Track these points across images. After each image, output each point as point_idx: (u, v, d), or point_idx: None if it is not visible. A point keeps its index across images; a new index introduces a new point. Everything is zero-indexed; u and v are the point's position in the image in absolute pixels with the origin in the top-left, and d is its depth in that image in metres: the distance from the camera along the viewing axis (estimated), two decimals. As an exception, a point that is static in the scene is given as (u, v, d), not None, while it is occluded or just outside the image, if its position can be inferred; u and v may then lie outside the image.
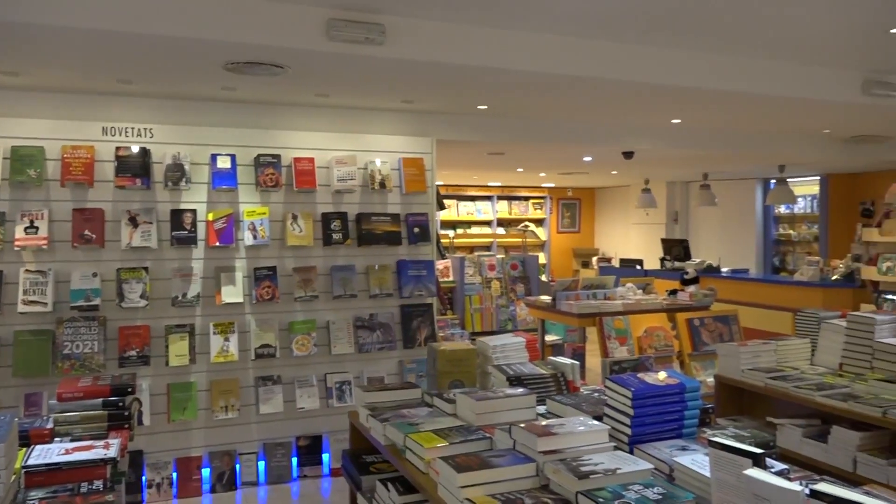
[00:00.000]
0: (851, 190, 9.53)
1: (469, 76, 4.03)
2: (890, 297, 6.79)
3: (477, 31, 3.69)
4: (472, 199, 12.63)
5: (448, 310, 7.22)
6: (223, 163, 4.51)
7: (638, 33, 3.89)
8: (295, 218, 4.68)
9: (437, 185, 5.54)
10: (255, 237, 4.52)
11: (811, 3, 3.38)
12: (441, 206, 5.88)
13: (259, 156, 4.62)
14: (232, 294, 4.48)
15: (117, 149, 4.31)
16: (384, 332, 4.90)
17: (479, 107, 5.13)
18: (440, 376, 3.03)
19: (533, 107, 5.19)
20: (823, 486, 1.43)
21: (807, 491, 1.43)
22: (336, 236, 4.76)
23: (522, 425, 2.11)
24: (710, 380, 3.92)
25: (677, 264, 9.44)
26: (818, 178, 9.70)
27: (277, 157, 4.65)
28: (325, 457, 4.78)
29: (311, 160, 4.74)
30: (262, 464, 4.63)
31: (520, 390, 2.56)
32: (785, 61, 4.52)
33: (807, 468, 2.29)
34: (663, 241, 10.30)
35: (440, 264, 7.05)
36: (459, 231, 12.38)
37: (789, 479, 1.69)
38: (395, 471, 2.55)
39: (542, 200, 13.15)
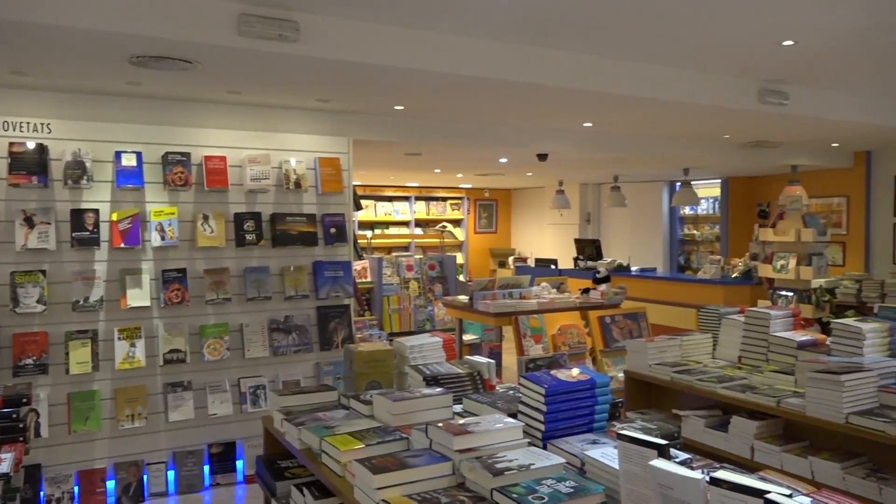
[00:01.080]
0: (749, 192, 10.09)
1: (384, 76, 4.02)
2: (784, 293, 7.22)
3: (393, 31, 3.68)
4: (390, 199, 12.61)
5: (366, 311, 7.18)
6: (128, 160, 4.31)
7: (551, 38, 3.98)
8: (206, 218, 4.54)
9: (354, 186, 5.49)
10: (163, 238, 4.35)
11: (712, 15, 3.56)
12: (358, 207, 5.84)
13: (167, 153, 4.45)
14: (138, 297, 4.29)
15: (11, 144, 4.05)
16: (300, 335, 4.82)
17: (395, 107, 5.12)
18: (357, 378, 3.01)
19: (449, 108, 5.23)
20: (722, 474, 1.51)
21: (707, 478, 1.50)
22: (249, 237, 4.64)
23: (439, 425, 2.12)
24: (621, 375, 4.05)
25: (590, 264, 9.72)
26: (719, 180, 10.21)
27: (187, 155, 4.49)
28: (239, 464, 4.66)
29: (223, 159, 4.61)
30: (171, 473, 4.47)
31: (436, 390, 2.57)
32: (688, 69, 4.73)
33: (709, 457, 2.40)
34: (576, 241, 10.59)
35: (357, 265, 6.99)
36: (377, 231, 12.33)
37: (692, 468, 1.77)
38: (311, 475, 2.51)
39: (459, 201, 13.26)
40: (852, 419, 2.71)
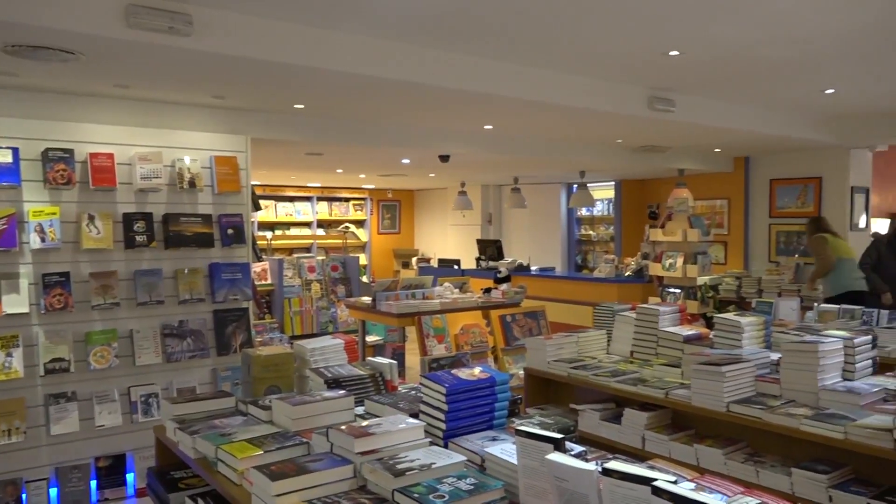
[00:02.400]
0: (641, 194, 10.57)
1: (282, 74, 3.93)
2: (672, 290, 7.62)
3: (291, 28, 3.61)
4: (291, 199, 12.36)
5: (266, 313, 6.99)
6: (3, 157, 4.02)
7: (453, 41, 4.03)
8: (92, 218, 4.29)
9: (253, 185, 5.35)
10: (43, 240, 4.08)
11: (605, 25, 3.70)
12: (257, 207, 5.69)
13: (48, 150, 4.18)
14: (15, 303, 4.00)
15: None
16: (195, 340, 4.64)
17: (295, 106, 5.03)
18: (255, 383, 2.93)
19: (351, 108, 5.19)
20: (613, 464, 1.57)
21: (599, 469, 1.56)
22: (140, 238, 4.43)
23: (341, 428, 2.10)
24: (522, 372, 4.15)
25: (491, 264, 9.89)
26: (613, 183, 10.65)
27: (70, 151, 4.23)
28: (130, 477, 4.43)
29: (111, 156, 4.37)
30: (54, 490, 4.19)
31: (338, 393, 2.55)
32: (583, 76, 4.90)
33: (604, 448, 2.49)
34: (478, 241, 10.76)
35: (257, 267, 6.81)
36: (278, 232, 12.05)
37: (586, 460, 1.84)
38: (207, 485, 2.42)
39: (362, 202, 13.17)
40: (732, 407, 2.89)
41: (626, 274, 8.55)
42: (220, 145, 4.91)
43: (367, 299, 6.37)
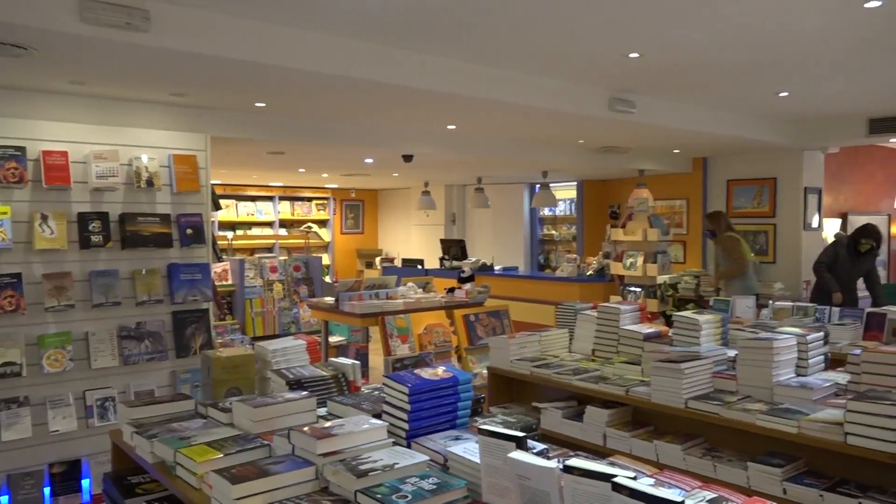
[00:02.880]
0: (602, 194, 10.70)
1: (242, 72, 3.88)
2: (632, 289, 7.73)
3: (252, 24, 3.57)
4: (253, 199, 12.21)
5: (227, 315, 6.90)
6: (-50, 154, 3.89)
7: (417, 40, 4.02)
8: (45, 218, 4.17)
9: (213, 185, 5.26)
10: (-7, 240, 3.96)
11: (566, 26, 3.74)
12: (217, 207, 5.60)
13: (-2, 147, 4.06)
14: (-36, 306, 3.88)
15: None
16: (154, 342, 4.55)
17: (256, 104, 4.96)
18: (216, 385, 2.89)
19: (314, 106, 5.14)
20: (575, 461, 1.59)
21: (560, 467, 1.58)
22: (95, 238, 4.32)
23: (304, 429, 2.08)
24: (485, 371, 4.17)
25: (455, 263, 9.91)
26: (575, 183, 10.76)
27: (22, 149, 4.11)
28: (85, 483, 4.32)
29: (65, 154, 4.26)
30: (5, 498, 4.07)
31: (300, 394, 2.52)
32: (545, 77, 4.94)
33: (566, 446, 2.52)
34: (442, 241, 10.77)
35: (217, 267, 6.71)
36: (239, 232, 11.90)
37: (548, 458, 1.85)
38: (165, 490, 2.38)
39: (325, 201, 13.07)
40: (691, 404, 2.94)
41: (588, 273, 8.64)
42: (179, 143, 4.82)
43: (329, 300, 6.33)
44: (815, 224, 8.08)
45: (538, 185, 10.47)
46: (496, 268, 9.82)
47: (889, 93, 5.74)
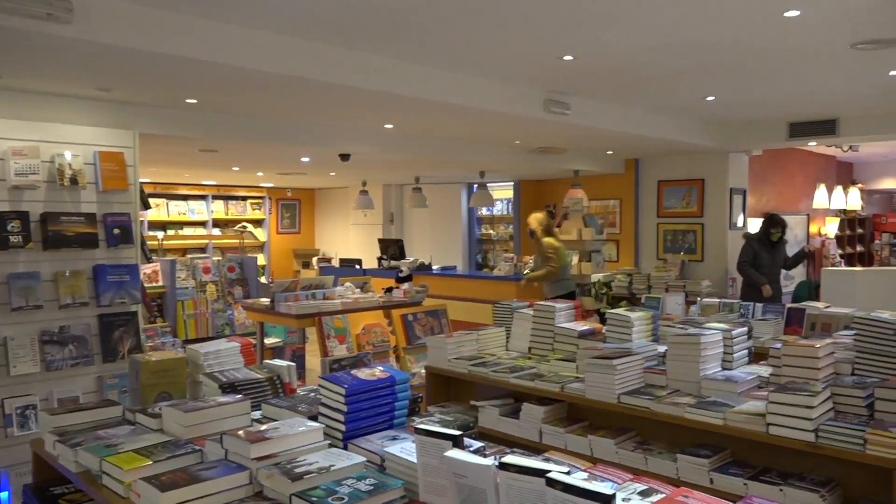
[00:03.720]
0: (538, 194, 10.86)
1: (172, 66, 3.77)
2: (568, 287, 7.86)
3: (181, 18, 3.47)
4: (185, 198, 11.87)
5: (157, 317, 6.69)
6: None
7: (353, 38, 3.99)
8: (-42, 218, 3.96)
9: (142, 183, 5.09)
10: None
11: (501, 27, 3.78)
12: (146, 206, 5.42)
13: None
14: None
15: None
16: (78, 346, 4.37)
17: (188, 100, 4.83)
18: (144, 390, 2.80)
19: (248, 103, 5.04)
20: (510, 458, 1.61)
21: (496, 464, 1.59)
22: (14, 239, 4.12)
23: (239, 433, 2.03)
24: (424, 370, 4.17)
25: (393, 263, 9.87)
26: (512, 183, 10.88)
27: (-68, 144, 3.89)
28: (3, 495, 4.11)
29: (-20, 150, 4.05)
30: (-85, 514, 3.84)
31: (234, 397, 2.47)
32: (481, 77, 4.98)
33: (503, 443, 2.54)
34: (380, 240, 10.72)
35: (147, 268, 6.50)
36: (170, 232, 11.55)
37: (485, 456, 1.87)
38: (90, 500, 2.29)
39: (260, 200, 12.82)
40: (623, 398, 3.02)
41: (525, 272, 8.75)
42: (106, 140, 4.64)
43: (265, 301, 6.21)
44: (740, 223, 8.40)
45: (476, 185, 10.55)
46: (434, 267, 9.83)
47: (807, 98, 6.03)
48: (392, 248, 10.24)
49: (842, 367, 2.92)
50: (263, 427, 2.10)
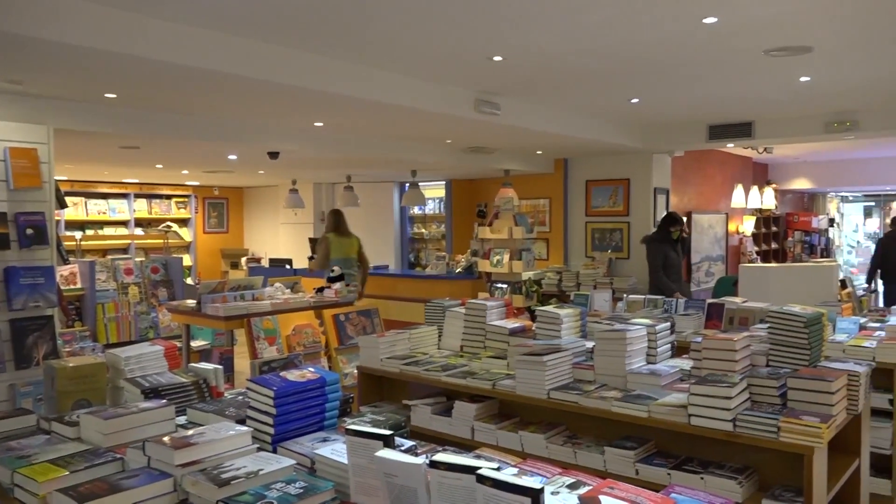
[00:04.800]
0: (470, 193, 10.94)
1: (86, 59, 3.61)
2: (499, 285, 7.96)
3: (97, 8, 3.33)
4: (104, 196, 11.40)
5: (76, 321, 6.40)
6: None
7: (281, 35, 3.92)
8: None
9: (57, 181, 4.87)
10: None
11: (431, 26, 3.79)
12: (62, 205, 5.19)
13: None
14: None
15: None
16: (-12, 353, 4.14)
17: (106, 94, 4.64)
18: (61, 397, 2.67)
19: (171, 99, 4.89)
20: (441, 456, 1.61)
21: (427, 462, 1.60)
22: (-85, 240, 3.87)
23: (164, 440, 1.97)
24: (356, 370, 4.14)
25: (324, 263, 9.75)
26: (444, 182, 10.92)
27: None
28: None
29: None
30: None
31: (158, 402, 2.39)
32: (412, 76, 4.98)
33: (436, 441, 2.54)
34: (311, 240, 10.57)
35: (63, 270, 6.21)
36: (89, 232, 11.08)
37: (416, 455, 1.87)
38: (2, 514, 2.17)
39: (186, 199, 12.45)
40: (553, 394, 3.07)
41: (457, 271, 8.80)
42: (17, 136, 4.41)
43: (191, 302, 6.04)
44: (663, 222, 8.67)
45: (408, 184, 10.54)
46: (367, 266, 9.77)
47: (726, 102, 6.29)
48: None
49: (757, 358, 3.05)
50: (189, 433, 2.04)
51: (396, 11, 3.53)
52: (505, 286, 7.89)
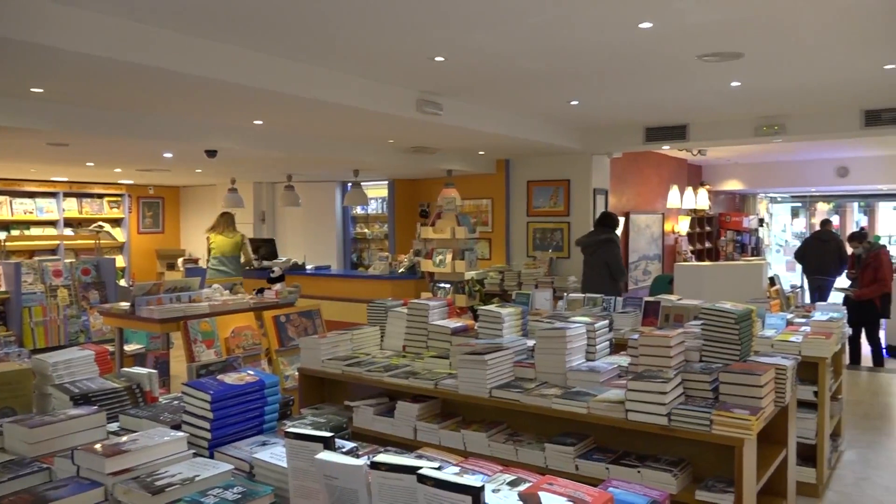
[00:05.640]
0: (413, 193, 10.93)
1: (11, 52, 3.46)
2: (442, 285, 7.97)
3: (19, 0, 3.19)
4: (31, 195, 10.92)
5: (0, 325, 6.12)
6: None
7: (219, 30, 3.83)
8: None
9: (-21, 179, 4.64)
10: None
11: (373, 25, 3.76)
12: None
13: None
14: None
15: None
16: None
17: (32, 89, 4.45)
18: (-17, 406, 2.54)
19: (102, 94, 4.72)
20: (382, 457, 1.60)
21: (368, 463, 1.59)
22: None
23: (92, 447, 1.90)
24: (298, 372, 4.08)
25: (265, 263, 9.60)
26: (386, 182, 10.88)
27: None
28: None
29: None
30: None
31: (87, 409, 2.30)
32: (354, 75, 4.94)
33: (378, 442, 2.53)
34: (251, 240, 10.37)
35: (-14, 272, 5.93)
36: (14, 232, 10.60)
37: (357, 456, 1.86)
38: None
39: (119, 198, 12.03)
40: (494, 392, 3.10)
41: (400, 271, 8.78)
42: (-66, 131, 4.19)
43: (125, 305, 5.84)
44: (602, 222, 8.85)
45: (350, 184, 10.45)
46: (308, 267, 9.65)
47: (662, 105, 6.46)
48: (263, 248, 9.95)
49: (691, 354, 3.15)
50: (121, 439, 1.98)
51: (338, 9, 3.49)
52: (448, 286, 7.91)
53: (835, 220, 15.91)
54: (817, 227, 10.45)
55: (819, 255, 9.47)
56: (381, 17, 3.63)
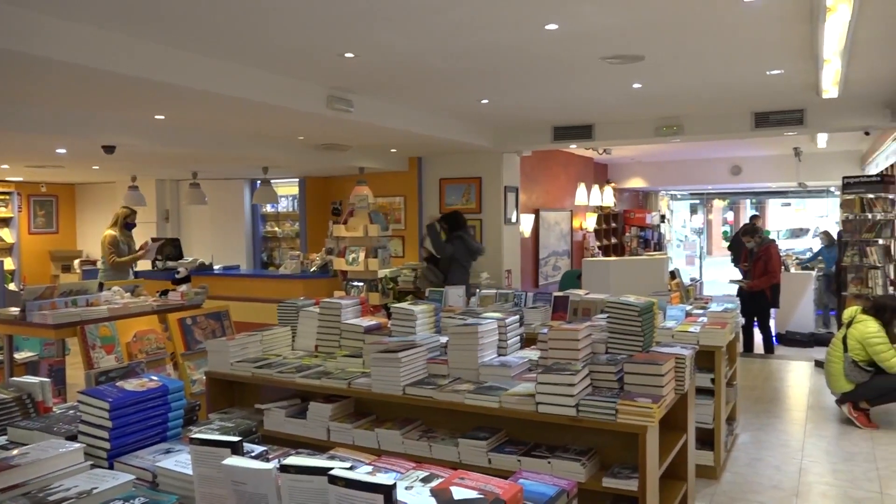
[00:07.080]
0: (324, 191, 10.79)
1: None
2: (356, 283, 7.91)
3: None
4: None
5: None
6: None
7: (114, 19, 3.64)
8: None
9: None
10: None
11: (281, 19, 3.68)
12: None
13: None
14: None
15: None
16: None
17: None
18: None
19: (-16, 86, 4.40)
20: (292, 460, 1.58)
21: (278, 467, 1.55)
22: None
23: (-26, 464, 1.77)
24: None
25: (170, 264, 9.24)
26: (297, 180, 10.69)
27: None
28: None
29: None
30: None
31: (-29, 423, 2.15)
32: (261, 70, 4.82)
33: (290, 445, 2.48)
34: (154, 240, 9.94)
35: None
36: None
37: (267, 460, 1.81)
38: None
39: (7, 197, 11.26)
40: (408, 390, 3.10)
41: (312, 269, 8.64)
42: None
43: (14, 310, 5.48)
44: (513, 219, 9.03)
45: (259, 181, 10.19)
46: (216, 267, 9.36)
47: (568, 105, 6.64)
48: (168, 248, 9.57)
49: (598, 346, 3.25)
50: (11, 453, 1.85)
51: (246, 3, 3.40)
52: (361, 284, 7.86)
53: (729, 216, 16.85)
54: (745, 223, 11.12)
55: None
56: (290, 12, 3.56)
